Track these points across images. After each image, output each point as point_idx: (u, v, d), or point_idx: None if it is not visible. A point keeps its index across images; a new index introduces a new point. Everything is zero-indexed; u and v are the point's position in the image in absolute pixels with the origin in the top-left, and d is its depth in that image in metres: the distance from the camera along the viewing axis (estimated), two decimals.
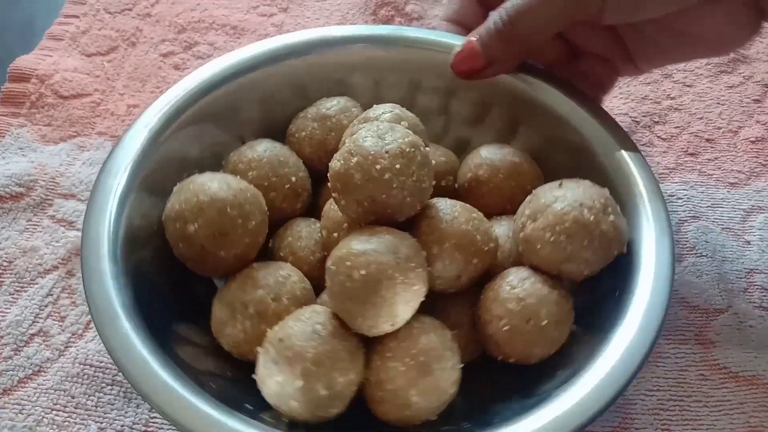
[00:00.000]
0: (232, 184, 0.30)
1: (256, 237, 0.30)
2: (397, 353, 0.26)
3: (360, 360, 0.27)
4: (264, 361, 0.26)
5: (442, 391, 0.27)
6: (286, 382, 0.26)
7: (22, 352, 0.34)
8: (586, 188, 0.29)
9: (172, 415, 0.24)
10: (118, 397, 0.32)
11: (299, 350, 0.26)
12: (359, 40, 0.37)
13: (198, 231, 0.29)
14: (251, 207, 0.30)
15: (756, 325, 0.35)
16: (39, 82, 0.46)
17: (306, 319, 0.27)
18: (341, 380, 0.26)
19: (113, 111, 0.46)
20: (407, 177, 0.27)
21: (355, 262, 0.26)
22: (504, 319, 0.28)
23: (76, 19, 0.52)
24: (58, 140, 0.44)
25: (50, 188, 0.41)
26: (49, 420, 0.32)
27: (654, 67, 0.38)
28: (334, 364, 0.26)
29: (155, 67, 0.49)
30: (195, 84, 0.35)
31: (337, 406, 0.27)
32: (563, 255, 0.28)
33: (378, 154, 0.27)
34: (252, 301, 0.28)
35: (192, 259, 0.30)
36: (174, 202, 0.30)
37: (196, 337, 0.30)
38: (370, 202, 0.27)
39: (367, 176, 0.27)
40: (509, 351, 0.28)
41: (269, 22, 0.53)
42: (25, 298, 0.36)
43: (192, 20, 0.52)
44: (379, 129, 0.28)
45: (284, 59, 0.37)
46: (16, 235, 0.39)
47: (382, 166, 0.27)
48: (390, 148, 0.27)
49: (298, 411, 0.26)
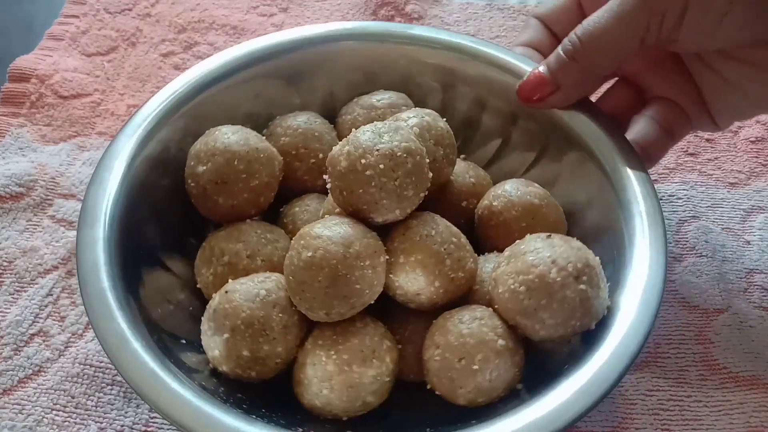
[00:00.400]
0: (251, 141, 0.32)
1: (257, 196, 0.32)
2: (326, 343, 0.27)
3: (294, 337, 0.28)
4: (209, 305, 0.28)
5: (356, 394, 0.27)
6: (215, 331, 0.28)
7: (22, 352, 0.34)
8: (569, 248, 0.27)
9: (157, 402, 0.25)
10: (118, 397, 0.32)
11: (236, 306, 0.27)
12: (441, 47, 0.38)
13: (204, 173, 0.31)
14: (260, 167, 0.32)
15: (756, 325, 0.35)
16: (39, 82, 0.46)
17: (257, 282, 0.28)
18: (266, 348, 0.27)
19: (113, 111, 0.46)
20: (389, 180, 0.27)
21: (307, 243, 0.27)
22: (439, 350, 0.27)
23: (76, 19, 0.52)
24: (58, 140, 0.44)
25: (50, 188, 0.41)
26: (49, 420, 0.32)
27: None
28: (262, 331, 0.27)
29: (155, 67, 0.49)
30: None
31: (258, 371, 0.28)
32: (519, 306, 0.27)
33: (367, 150, 0.27)
34: (229, 252, 0.30)
35: (195, 197, 0.32)
36: (199, 141, 0.32)
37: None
38: (348, 192, 0.28)
39: (351, 167, 0.27)
40: (436, 383, 0.28)
41: (269, 22, 0.53)
42: (25, 298, 0.36)
43: (192, 20, 0.52)
44: (382, 128, 0.28)
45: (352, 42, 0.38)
46: (16, 235, 0.39)
47: (367, 162, 0.27)
48: (381, 147, 0.27)
49: (219, 361, 0.28)
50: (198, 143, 0.32)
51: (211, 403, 0.25)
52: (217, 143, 0.31)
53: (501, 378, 0.27)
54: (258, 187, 0.32)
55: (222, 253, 0.30)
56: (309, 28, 0.38)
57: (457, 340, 0.27)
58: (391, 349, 0.28)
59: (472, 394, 0.27)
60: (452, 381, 0.27)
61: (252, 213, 0.32)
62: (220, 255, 0.30)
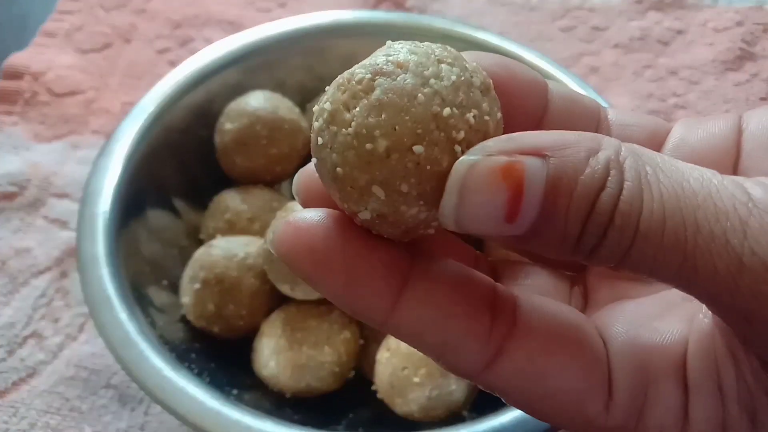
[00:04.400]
0: (279, 110, 0.33)
1: (274, 164, 0.33)
2: (287, 318, 0.28)
3: (261, 304, 0.29)
4: (194, 254, 0.30)
5: (301, 375, 0.27)
6: (190, 279, 0.29)
7: (15, 354, 0.33)
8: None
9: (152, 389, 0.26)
10: (112, 401, 0.32)
11: (213, 261, 0.29)
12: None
13: (230, 131, 0.33)
14: (281, 136, 0.33)
15: None
16: (32, 80, 0.46)
17: (241, 243, 0.30)
18: (231, 308, 0.28)
19: (108, 108, 0.45)
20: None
21: (287, 216, 0.28)
22: (388, 353, 0.27)
23: (71, 15, 0.51)
24: (51, 138, 0.43)
25: (43, 188, 0.40)
26: (44, 423, 0.31)
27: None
28: (231, 292, 0.28)
29: (150, 63, 0.48)
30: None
31: (221, 328, 0.29)
32: None
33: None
34: (232, 210, 0.32)
35: (218, 152, 0.34)
36: (236, 99, 0.34)
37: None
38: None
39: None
40: (379, 385, 0.28)
41: (267, 18, 0.52)
42: (18, 299, 0.35)
43: (187, 16, 0.52)
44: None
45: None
46: (9, 235, 0.38)
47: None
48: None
49: (187, 308, 0.29)
50: (234, 101, 0.34)
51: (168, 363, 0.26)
52: (248, 105, 0.33)
53: (442, 399, 0.26)
54: (276, 156, 0.33)
55: (226, 209, 0.32)
56: (332, 13, 0.38)
57: (408, 348, 0.26)
58: (348, 341, 0.28)
59: (408, 407, 0.26)
60: (392, 388, 0.27)
61: (268, 179, 0.34)
62: (224, 211, 0.32)
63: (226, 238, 0.30)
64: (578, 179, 0.13)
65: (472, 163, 0.13)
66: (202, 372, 0.28)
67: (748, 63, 0.49)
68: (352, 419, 0.28)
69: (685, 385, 0.15)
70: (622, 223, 0.13)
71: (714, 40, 0.49)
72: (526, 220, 0.13)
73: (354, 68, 0.14)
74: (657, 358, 0.15)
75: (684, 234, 0.13)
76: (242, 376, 0.29)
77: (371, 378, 0.29)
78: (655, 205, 0.13)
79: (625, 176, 0.13)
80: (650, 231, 0.13)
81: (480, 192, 0.13)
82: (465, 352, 0.15)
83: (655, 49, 0.49)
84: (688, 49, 0.49)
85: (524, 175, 0.13)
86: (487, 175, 0.13)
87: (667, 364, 0.15)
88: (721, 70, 0.48)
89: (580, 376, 0.15)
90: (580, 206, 0.13)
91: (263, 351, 0.28)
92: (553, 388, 0.15)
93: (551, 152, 0.13)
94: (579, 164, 0.13)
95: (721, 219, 0.13)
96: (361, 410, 0.29)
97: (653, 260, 0.13)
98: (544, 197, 0.13)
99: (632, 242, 0.13)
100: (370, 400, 0.28)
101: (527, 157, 0.13)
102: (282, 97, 0.34)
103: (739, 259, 0.13)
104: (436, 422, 0.27)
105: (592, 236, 0.13)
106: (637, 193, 0.13)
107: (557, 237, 0.13)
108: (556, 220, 0.13)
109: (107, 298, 0.27)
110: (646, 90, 0.47)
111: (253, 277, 0.29)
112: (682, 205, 0.13)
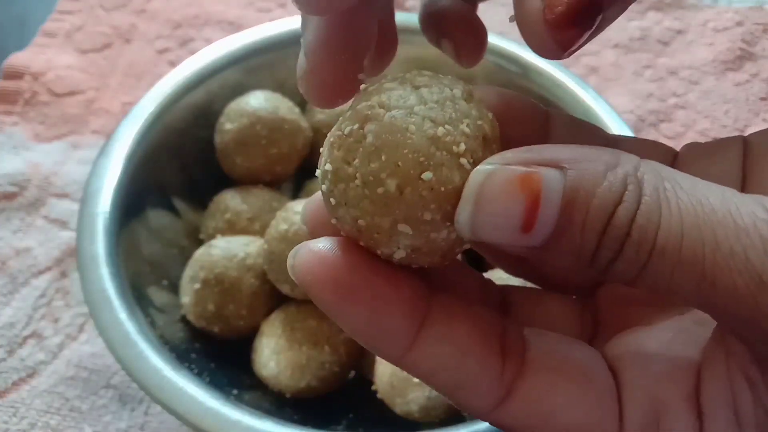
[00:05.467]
0: (280, 110, 0.33)
1: (274, 164, 0.33)
2: (287, 318, 0.28)
3: (261, 304, 0.29)
4: (194, 253, 0.30)
5: (301, 375, 0.27)
6: (190, 279, 0.30)
7: (15, 354, 0.33)
8: None
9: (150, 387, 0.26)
10: (113, 401, 0.32)
11: (213, 261, 0.29)
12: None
13: (230, 131, 0.33)
14: (281, 136, 0.33)
15: None
16: (33, 80, 0.46)
17: (241, 243, 0.30)
18: (230, 308, 0.29)
19: (108, 109, 0.45)
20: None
21: (287, 216, 0.28)
22: None
23: (71, 15, 0.51)
24: (51, 138, 0.43)
25: (44, 188, 0.40)
26: (44, 423, 0.31)
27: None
28: (230, 292, 0.29)
29: (150, 63, 0.48)
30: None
31: (221, 328, 0.29)
32: None
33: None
34: (232, 210, 0.32)
35: (218, 153, 0.34)
36: (236, 99, 0.34)
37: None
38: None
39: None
40: (379, 385, 0.28)
41: (267, 18, 0.52)
42: (19, 299, 0.35)
43: (187, 16, 0.52)
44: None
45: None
46: (9, 235, 0.38)
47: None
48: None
49: (187, 308, 0.30)
50: (234, 101, 0.34)
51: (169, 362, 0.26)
52: (248, 105, 0.33)
53: (442, 399, 0.26)
54: (276, 156, 0.33)
55: (226, 209, 0.32)
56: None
57: None
58: (348, 341, 0.28)
59: (408, 407, 0.27)
60: (392, 388, 0.27)
61: (267, 179, 0.34)
62: (224, 211, 0.32)
63: (226, 238, 0.30)
64: (596, 192, 0.13)
65: (489, 172, 0.13)
66: (202, 372, 0.28)
67: (748, 63, 0.49)
68: (352, 419, 0.28)
69: (699, 411, 0.15)
70: (639, 238, 0.13)
71: (714, 40, 0.49)
72: (543, 231, 0.13)
73: (339, 123, 0.15)
74: (669, 388, 0.15)
75: (702, 251, 0.13)
76: (242, 376, 0.29)
77: (371, 378, 0.29)
78: (673, 220, 0.13)
79: (643, 191, 0.13)
80: (668, 247, 0.13)
81: (496, 200, 0.13)
82: (478, 391, 0.15)
83: (655, 49, 0.49)
84: (687, 49, 0.49)
85: (542, 185, 0.13)
86: (505, 184, 0.13)
87: (679, 392, 0.15)
88: (721, 70, 0.48)
89: (589, 410, 0.15)
90: (596, 219, 0.13)
91: (263, 351, 0.28)
92: (562, 425, 0.15)
93: (569, 164, 0.13)
94: (597, 177, 0.13)
95: (742, 236, 0.12)
96: (361, 410, 0.29)
97: (670, 276, 0.13)
98: (561, 209, 0.13)
99: (649, 257, 0.13)
100: (370, 400, 0.28)
101: (545, 168, 0.13)
102: (282, 97, 0.34)
103: (760, 277, 0.12)
104: (436, 422, 0.27)
105: (609, 250, 0.13)
106: (655, 208, 0.13)
107: (573, 249, 0.13)
108: (572, 232, 0.13)
109: (107, 298, 0.27)
110: (646, 90, 0.47)
111: (253, 277, 0.29)
112: (701, 222, 0.13)
